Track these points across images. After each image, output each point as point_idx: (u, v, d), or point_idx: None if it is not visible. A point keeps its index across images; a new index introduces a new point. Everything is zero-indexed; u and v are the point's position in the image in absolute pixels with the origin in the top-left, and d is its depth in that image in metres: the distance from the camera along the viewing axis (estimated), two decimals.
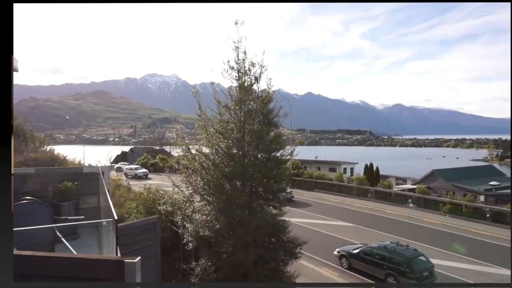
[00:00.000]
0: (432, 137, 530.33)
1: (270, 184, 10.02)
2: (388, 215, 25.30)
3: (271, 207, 10.34)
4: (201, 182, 9.40)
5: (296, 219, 20.38)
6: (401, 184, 52.80)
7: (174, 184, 10.01)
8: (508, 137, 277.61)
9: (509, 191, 46.53)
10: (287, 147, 10.80)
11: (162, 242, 10.30)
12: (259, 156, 9.90)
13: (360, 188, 32.31)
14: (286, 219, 10.34)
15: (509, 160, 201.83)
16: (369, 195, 31.42)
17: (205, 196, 9.54)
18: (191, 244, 9.15)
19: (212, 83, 9.92)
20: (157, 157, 61.79)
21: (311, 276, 13.86)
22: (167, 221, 10.62)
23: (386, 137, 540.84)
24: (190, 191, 9.79)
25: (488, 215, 24.05)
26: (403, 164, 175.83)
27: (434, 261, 15.70)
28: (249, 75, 9.72)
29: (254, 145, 9.76)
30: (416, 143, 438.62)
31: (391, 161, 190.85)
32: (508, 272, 14.76)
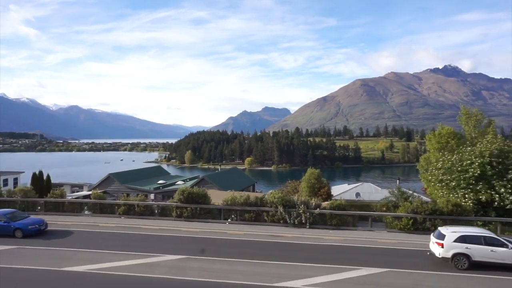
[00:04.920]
0: (110, 141, 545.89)
1: None
2: (61, 227, 23.05)
3: None
4: None
5: None
6: (78, 191, 50.66)
7: None
8: (173, 141, 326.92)
9: (172, 187, 54.16)
10: None
11: None
12: None
13: (25, 201, 27.82)
14: None
15: (174, 160, 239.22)
16: (39, 208, 27.63)
17: None
18: None
19: None
20: None
21: None
22: None
23: (62, 141, 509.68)
24: None
25: (156, 211, 26.53)
26: (81, 170, 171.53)
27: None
28: None
29: None
30: (95, 147, 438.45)
31: (67, 167, 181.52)
32: (169, 257, 16.50)
